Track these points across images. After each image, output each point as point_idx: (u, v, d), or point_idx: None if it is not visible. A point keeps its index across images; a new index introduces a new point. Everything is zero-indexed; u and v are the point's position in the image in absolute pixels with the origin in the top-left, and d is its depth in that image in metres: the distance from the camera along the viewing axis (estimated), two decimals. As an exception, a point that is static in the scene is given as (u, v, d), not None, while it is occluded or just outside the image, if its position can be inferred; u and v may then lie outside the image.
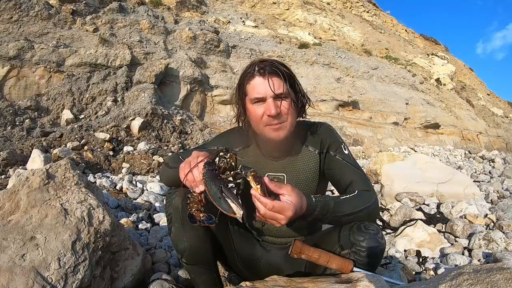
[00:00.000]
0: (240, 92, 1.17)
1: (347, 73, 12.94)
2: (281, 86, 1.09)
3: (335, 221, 1.08)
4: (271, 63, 1.11)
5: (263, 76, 1.09)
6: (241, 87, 1.16)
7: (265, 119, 1.11)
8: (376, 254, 1.04)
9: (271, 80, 1.08)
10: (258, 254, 1.34)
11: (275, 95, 1.09)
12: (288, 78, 1.10)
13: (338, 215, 1.05)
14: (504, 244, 2.00)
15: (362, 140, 10.70)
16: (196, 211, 0.95)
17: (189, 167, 1.01)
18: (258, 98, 1.11)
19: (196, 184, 0.99)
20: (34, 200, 1.27)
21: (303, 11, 15.97)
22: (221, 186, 0.87)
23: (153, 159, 5.23)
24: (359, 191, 1.13)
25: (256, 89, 1.10)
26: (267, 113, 1.09)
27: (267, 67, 1.09)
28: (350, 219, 1.08)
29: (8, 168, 4.26)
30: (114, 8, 9.56)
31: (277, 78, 1.09)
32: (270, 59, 1.15)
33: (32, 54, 7.02)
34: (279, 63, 1.12)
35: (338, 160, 1.22)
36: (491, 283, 0.71)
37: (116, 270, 1.40)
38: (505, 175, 5.66)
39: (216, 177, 0.90)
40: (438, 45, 24.56)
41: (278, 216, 0.94)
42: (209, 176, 0.91)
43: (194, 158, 1.03)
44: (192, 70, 8.82)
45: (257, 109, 1.12)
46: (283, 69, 1.10)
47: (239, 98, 1.20)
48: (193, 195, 1.01)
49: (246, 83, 1.14)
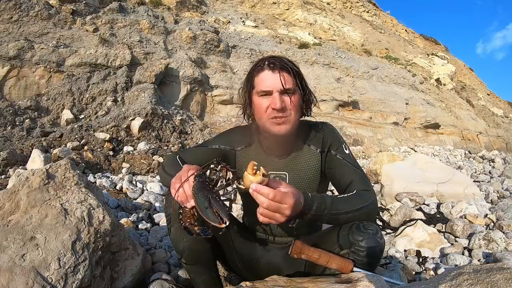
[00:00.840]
0: (248, 84, 1.19)
1: (347, 73, 12.95)
2: (289, 81, 1.12)
3: (333, 219, 1.07)
4: (281, 59, 1.14)
5: (273, 70, 1.12)
6: (250, 80, 1.18)
7: (269, 112, 1.13)
8: (375, 254, 1.04)
9: (281, 75, 1.11)
10: (258, 254, 1.34)
11: (283, 90, 1.11)
12: (297, 75, 1.13)
13: (335, 212, 1.05)
14: (504, 244, 2.00)
15: (362, 140, 10.70)
16: (190, 224, 0.95)
17: (179, 182, 0.99)
18: (265, 91, 1.13)
19: (187, 199, 0.97)
20: (34, 200, 1.27)
21: (303, 11, 15.97)
22: (208, 196, 0.86)
23: (153, 159, 5.23)
24: (357, 191, 1.13)
25: (264, 82, 1.13)
26: (272, 106, 1.11)
27: (277, 62, 1.12)
28: (348, 218, 1.07)
29: (8, 168, 4.26)
30: (114, 8, 9.56)
31: (286, 74, 1.12)
32: (281, 55, 1.17)
33: (32, 54, 7.02)
34: (289, 60, 1.16)
35: (339, 159, 1.22)
36: (491, 283, 0.71)
37: (116, 270, 1.40)
38: (505, 175, 5.66)
39: (205, 188, 0.89)
40: (438, 45, 24.56)
41: (281, 206, 0.92)
42: (198, 187, 0.90)
43: (184, 172, 1.02)
44: (192, 70, 8.82)
45: (262, 102, 1.14)
46: (292, 66, 1.14)
47: (246, 91, 1.21)
48: (185, 210, 0.99)
49: (255, 75, 1.16)
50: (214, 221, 0.83)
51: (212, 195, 0.87)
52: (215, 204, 0.85)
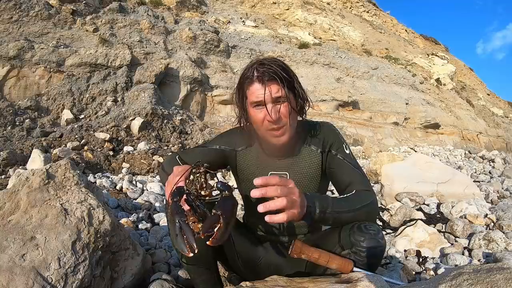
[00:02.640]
0: (240, 93, 1.19)
1: (347, 73, 12.94)
2: (279, 90, 1.10)
3: (336, 219, 1.06)
4: (269, 67, 1.10)
5: (261, 83, 1.10)
6: (241, 90, 1.18)
7: (266, 124, 1.13)
8: (376, 254, 1.04)
9: (268, 88, 1.09)
10: (258, 254, 1.34)
11: (274, 100, 1.10)
12: (286, 83, 1.11)
13: (338, 211, 1.04)
14: (504, 244, 2.00)
15: (362, 140, 10.70)
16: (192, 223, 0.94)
17: (170, 186, 1.00)
18: (258, 102, 1.12)
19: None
20: (34, 200, 1.27)
21: (303, 11, 15.97)
22: (180, 222, 0.83)
23: (153, 159, 5.23)
24: (357, 191, 1.13)
25: (256, 93, 1.12)
26: (267, 119, 1.11)
27: (265, 72, 1.10)
28: (350, 218, 1.07)
29: (8, 168, 4.26)
30: (114, 8, 9.56)
31: (275, 84, 1.10)
32: (269, 59, 1.15)
33: (32, 54, 7.02)
34: (277, 65, 1.12)
35: (339, 159, 1.22)
36: (491, 283, 0.71)
37: (116, 270, 1.40)
38: (505, 175, 5.66)
39: (177, 212, 0.85)
40: (438, 45, 24.56)
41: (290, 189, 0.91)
42: (171, 210, 0.87)
43: (175, 176, 1.03)
44: (192, 70, 8.82)
45: (258, 113, 1.13)
46: (281, 73, 1.10)
47: (239, 100, 1.20)
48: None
49: (246, 87, 1.15)
50: (183, 250, 0.81)
51: (183, 220, 0.83)
52: (186, 231, 0.82)
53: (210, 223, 0.82)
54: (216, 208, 0.85)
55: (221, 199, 0.91)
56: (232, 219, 0.86)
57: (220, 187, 0.93)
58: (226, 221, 0.82)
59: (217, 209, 0.84)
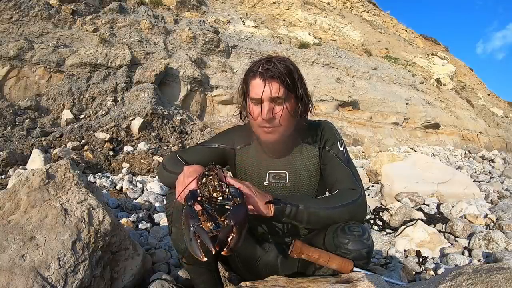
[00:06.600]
0: (244, 87, 1.18)
1: (347, 73, 12.94)
2: (278, 91, 1.09)
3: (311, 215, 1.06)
4: (275, 66, 1.09)
5: (263, 79, 1.09)
6: (245, 83, 1.17)
7: (259, 120, 1.13)
8: (362, 256, 1.03)
9: (269, 85, 1.08)
10: (257, 254, 1.34)
11: (272, 99, 1.10)
12: (287, 84, 1.10)
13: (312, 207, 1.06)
14: (504, 244, 2.00)
15: (362, 140, 10.70)
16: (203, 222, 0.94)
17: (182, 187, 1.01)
18: (256, 99, 1.12)
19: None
20: (34, 200, 1.27)
21: (303, 11, 15.97)
22: (194, 226, 0.83)
23: (153, 159, 5.23)
24: (340, 190, 1.13)
25: (255, 89, 1.12)
26: (261, 116, 1.11)
27: (269, 70, 1.09)
28: (328, 216, 1.07)
29: (8, 168, 4.26)
30: (114, 8, 9.56)
31: (276, 83, 1.09)
32: (280, 57, 1.14)
33: (32, 54, 7.02)
34: (284, 66, 1.11)
35: (331, 155, 1.22)
36: (491, 283, 0.71)
37: (116, 270, 1.40)
38: (505, 175, 5.65)
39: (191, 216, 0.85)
40: (438, 45, 24.57)
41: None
42: (185, 214, 0.87)
43: (186, 177, 1.04)
44: (192, 70, 8.82)
45: (254, 108, 1.14)
46: (284, 74, 1.09)
47: (242, 93, 1.20)
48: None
49: (249, 81, 1.15)
50: (196, 255, 0.81)
51: (197, 224, 0.83)
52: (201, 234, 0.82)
53: (225, 234, 0.82)
54: (229, 217, 0.85)
55: (233, 207, 0.90)
56: (245, 226, 0.86)
57: (233, 193, 0.93)
58: (240, 230, 0.83)
59: (230, 219, 0.84)
